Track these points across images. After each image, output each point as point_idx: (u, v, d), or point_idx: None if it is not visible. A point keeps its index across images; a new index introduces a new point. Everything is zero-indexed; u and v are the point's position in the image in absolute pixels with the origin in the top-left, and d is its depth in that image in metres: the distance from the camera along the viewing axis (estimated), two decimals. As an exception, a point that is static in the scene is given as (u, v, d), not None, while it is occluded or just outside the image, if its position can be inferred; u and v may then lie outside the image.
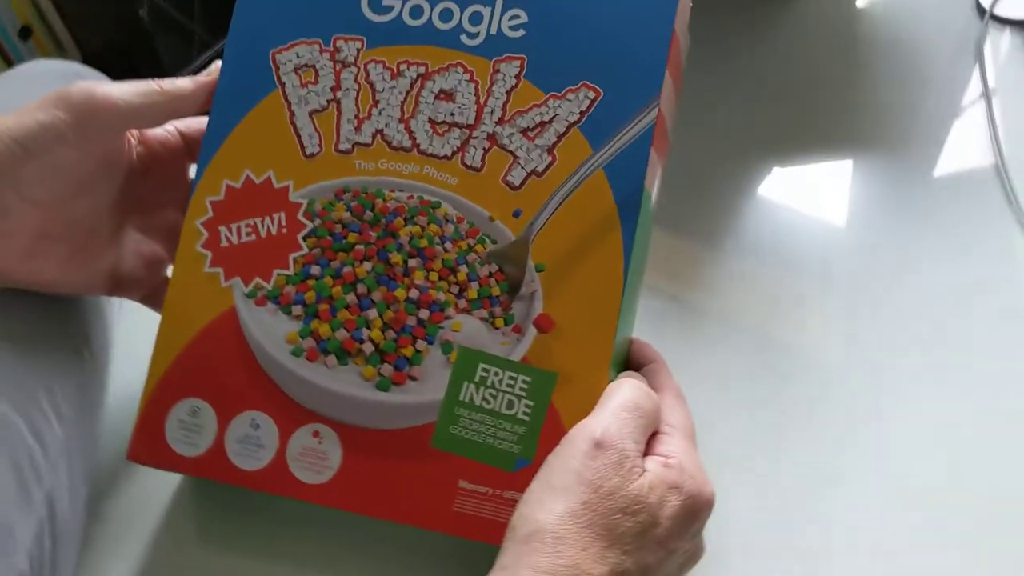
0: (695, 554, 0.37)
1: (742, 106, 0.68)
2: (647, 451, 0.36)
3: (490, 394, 0.39)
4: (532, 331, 0.39)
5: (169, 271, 0.45)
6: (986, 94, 0.67)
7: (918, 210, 0.61)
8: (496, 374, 0.39)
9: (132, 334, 0.51)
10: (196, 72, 0.43)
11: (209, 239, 0.42)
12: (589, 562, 0.32)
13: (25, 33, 1.22)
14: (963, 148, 0.64)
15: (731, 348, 0.54)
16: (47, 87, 0.52)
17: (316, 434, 0.40)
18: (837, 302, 0.56)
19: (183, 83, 0.42)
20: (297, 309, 0.41)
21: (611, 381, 0.39)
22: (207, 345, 0.41)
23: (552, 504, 0.34)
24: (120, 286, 0.45)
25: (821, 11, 0.74)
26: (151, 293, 0.46)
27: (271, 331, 0.41)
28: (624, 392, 0.37)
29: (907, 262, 0.58)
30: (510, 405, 0.39)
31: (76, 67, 0.55)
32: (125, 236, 0.45)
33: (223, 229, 0.42)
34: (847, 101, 0.67)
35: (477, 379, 0.39)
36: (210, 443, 0.41)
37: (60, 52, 1.26)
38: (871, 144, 0.64)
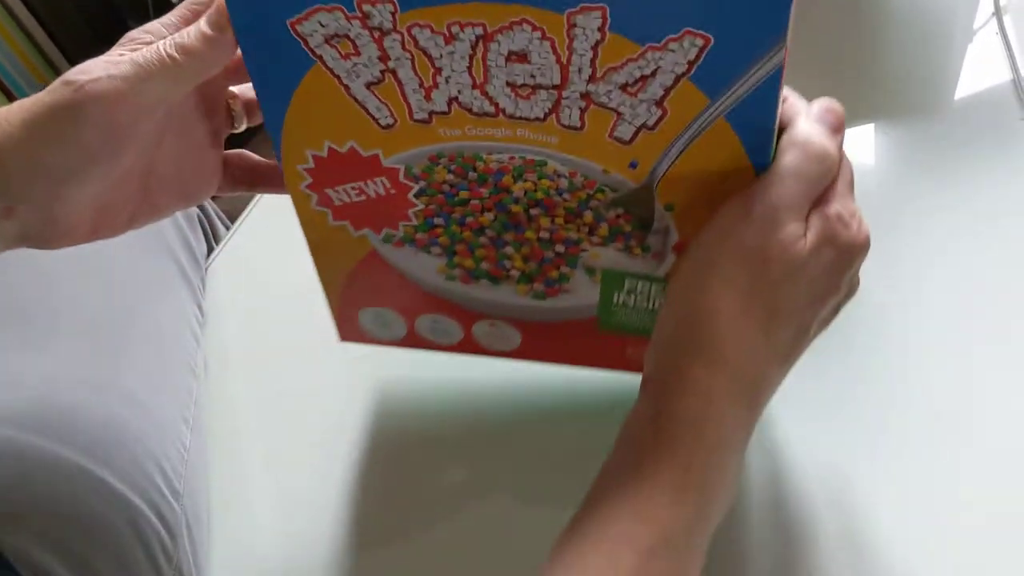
0: (850, 292, 0.38)
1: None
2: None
3: (641, 297, 0.41)
4: (672, 256, 0.39)
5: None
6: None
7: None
8: (643, 285, 0.41)
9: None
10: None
11: (320, 199, 0.41)
12: (752, 333, 0.34)
13: None
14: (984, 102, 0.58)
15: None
16: None
17: (492, 324, 0.45)
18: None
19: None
20: (436, 249, 0.41)
21: None
22: (366, 278, 0.44)
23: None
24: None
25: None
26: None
27: (421, 265, 0.42)
28: (787, 155, 0.34)
29: None
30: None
31: None
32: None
33: (330, 191, 0.40)
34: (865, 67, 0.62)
35: (626, 290, 0.41)
36: (403, 333, 0.47)
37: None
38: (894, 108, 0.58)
